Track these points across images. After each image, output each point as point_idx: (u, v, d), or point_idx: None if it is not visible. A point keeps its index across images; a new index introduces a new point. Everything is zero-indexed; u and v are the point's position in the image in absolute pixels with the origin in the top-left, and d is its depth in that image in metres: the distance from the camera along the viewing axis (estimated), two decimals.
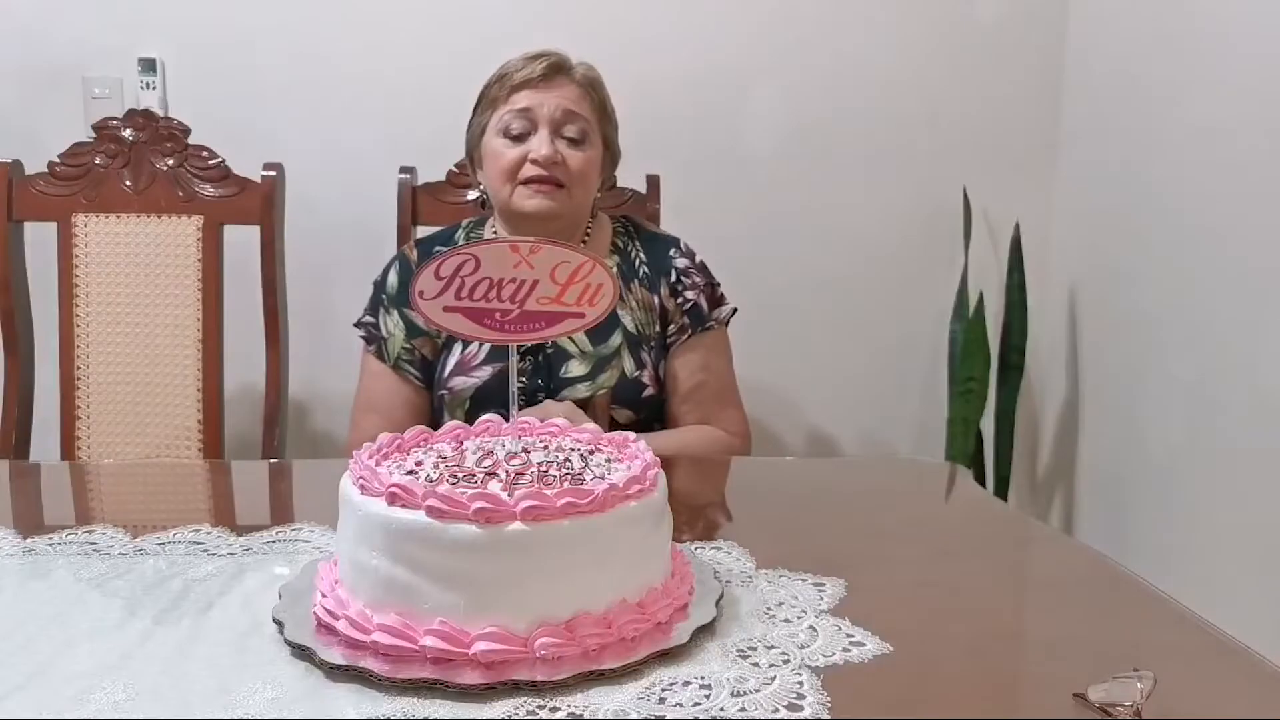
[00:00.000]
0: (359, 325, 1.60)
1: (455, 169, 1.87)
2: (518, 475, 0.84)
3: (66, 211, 1.81)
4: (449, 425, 0.99)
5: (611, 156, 1.61)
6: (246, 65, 2.19)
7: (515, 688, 0.75)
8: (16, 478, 1.40)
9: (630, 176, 1.79)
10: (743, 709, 0.73)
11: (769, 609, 0.89)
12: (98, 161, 1.82)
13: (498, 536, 0.78)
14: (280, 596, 0.89)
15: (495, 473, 0.85)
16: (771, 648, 0.82)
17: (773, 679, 0.77)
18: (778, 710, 0.73)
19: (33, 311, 1.84)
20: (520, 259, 0.89)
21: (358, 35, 2.20)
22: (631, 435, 0.96)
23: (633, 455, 0.92)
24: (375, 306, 1.59)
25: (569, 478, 0.84)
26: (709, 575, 0.93)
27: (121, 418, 1.81)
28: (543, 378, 1.51)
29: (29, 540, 1.07)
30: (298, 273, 1.92)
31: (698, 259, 1.61)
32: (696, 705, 0.74)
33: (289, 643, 0.82)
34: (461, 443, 0.96)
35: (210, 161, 1.83)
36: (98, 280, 1.82)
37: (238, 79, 2.19)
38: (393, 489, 0.81)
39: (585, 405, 1.49)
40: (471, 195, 1.81)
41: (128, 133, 1.82)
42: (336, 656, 0.79)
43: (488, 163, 1.54)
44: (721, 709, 0.73)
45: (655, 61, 2.18)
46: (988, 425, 2.29)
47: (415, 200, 1.89)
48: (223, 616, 0.89)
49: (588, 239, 1.58)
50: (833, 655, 0.81)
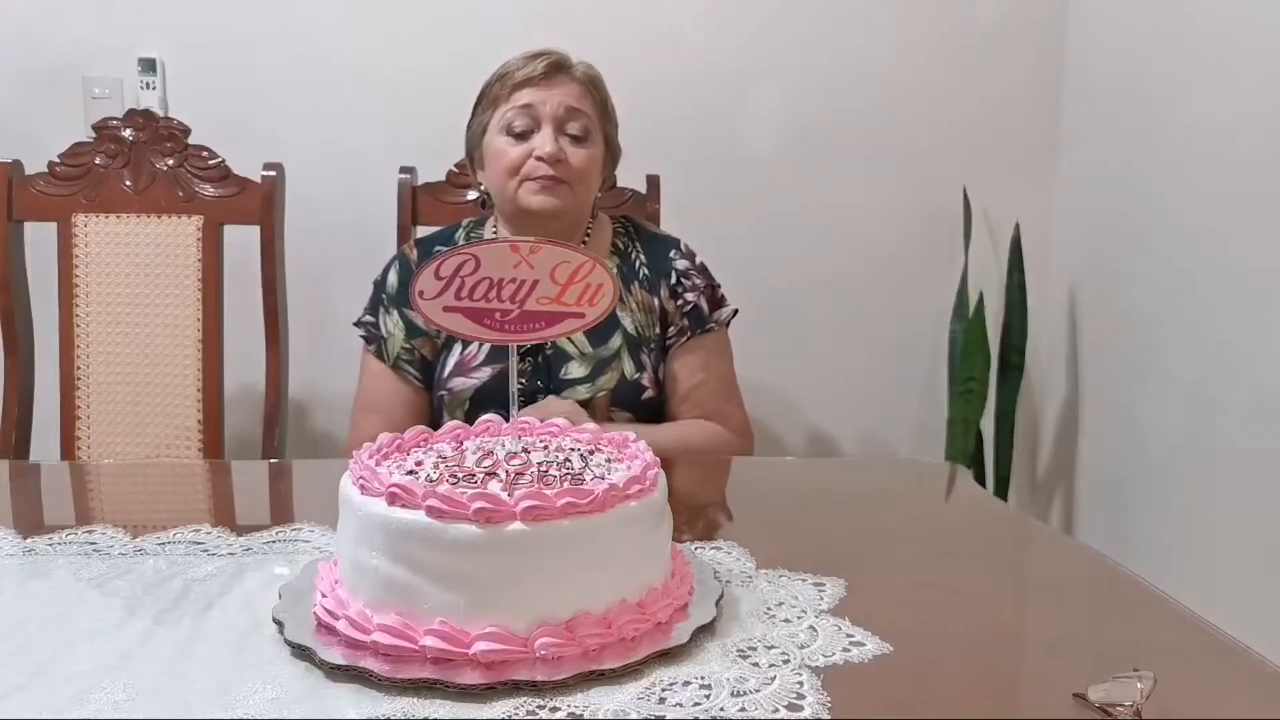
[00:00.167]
0: (359, 324, 1.60)
1: (455, 169, 1.87)
2: (518, 475, 0.84)
3: (66, 211, 1.81)
4: (449, 425, 0.99)
5: (612, 155, 1.61)
6: (246, 65, 2.19)
7: (515, 688, 0.75)
8: (16, 478, 1.40)
9: (630, 176, 1.79)
10: (743, 709, 0.73)
11: (769, 609, 0.89)
12: (98, 161, 1.82)
13: (498, 536, 0.78)
14: (280, 596, 0.89)
15: (495, 473, 0.85)
16: (771, 648, 0.82)
17: (773, 679, 0.77)
18: (778, 710, 0.73)
19: (33, 311, 1.84)
20: (520, 259, 0.89)
21: (358, 35, 2.20)
22: (631, 435, 0.96)
23: (633, 455, 0.92)
24: (375, 306, 1.59)
25: (569, 478, 0.84)
26: (709, 575, 0.93)
27: (121, 418, 1.81)
28: (542, 379, 1.51)
29: (29, 540, 1.06)
30: (298, 273, 1.92)
31: (698, 260, 1.61)
32: (696, 705, 0.74)
33: (289, 643, 0.82)
34: (461, 443, 0.96)
35: (210, 161, 1.82)
36: (98, 280, 1.82)
37: (238, 79, 2.19)
38: (393, 489, 0.81)
39: (585, 407, 1.49)
40: (471, 195, 1.81)
41: (128, 133, 1.82)
42: (336, 656, 0.79)
43: (490, 161, 1.54)
44: (721, 709, 0.73)
45: (655, 61, 2.18)
46: (988, 425, 2.29)
47: (415, 200, 1.89)
48: (223, 616, 0.89)
49: (588, 239, 1.58)
50: (833, 655, 0.81)
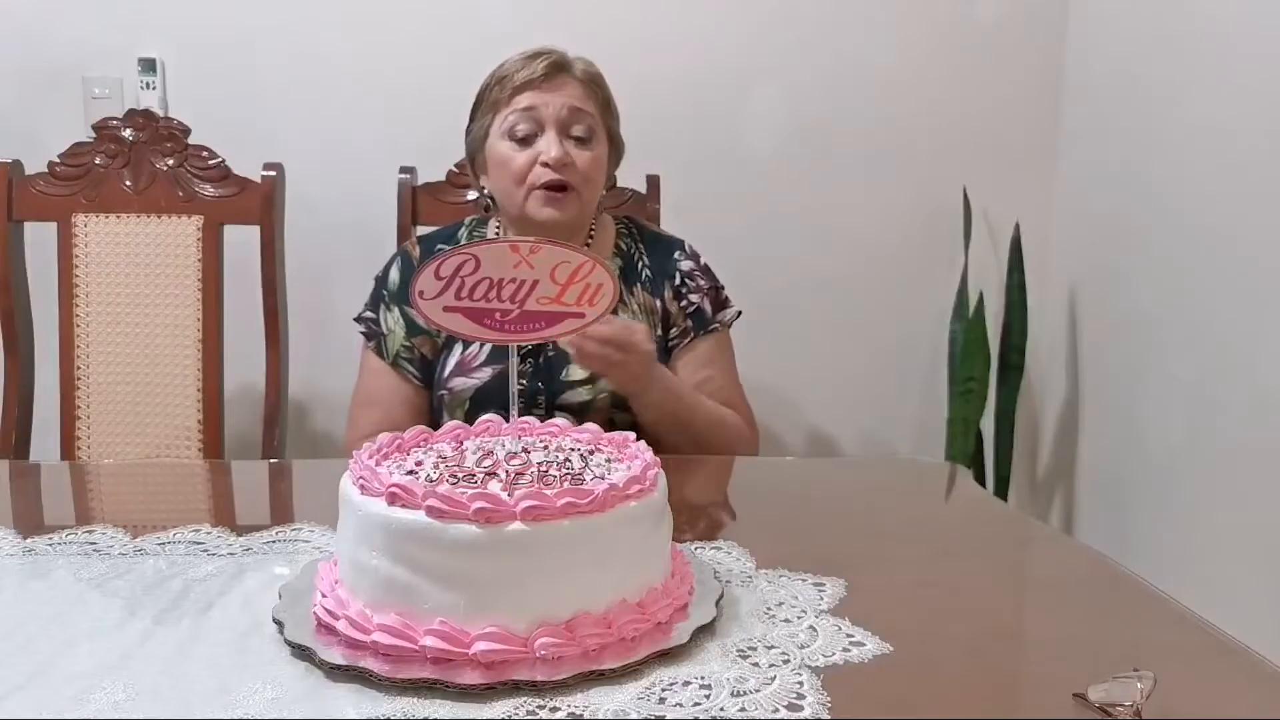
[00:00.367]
0: (359, 320, 1.59)
1: (455, 169, 1.87)
2: (518, 475, 0.84)
3: (66, 211, 1.81)
4: (449, 425, 0.99)
5: (616, 152, 1.59)
6: (246, 65, 2.19)
7: (515, 688, 0.75)
8: (16, 478, 1.40)
9: (630, 176, 1.79)
10: (743, 709, 0.73)
11: (769, 609, 0.89)
12: (98, 161, 1.82)
13: (498, 536, 0.78)
14: (280, 596, 0.89)
15: (495, 473, 0.85)
16: (771, 648, 0.82)
17: (773, 679, 0.77)
18: (778, 710, 0.73)
19: (33, 311, 1.84)
20: (520, 259, 0.89)
21: (358, 35, 2.20)
22: (631, 435, 0.96)
23: (633, 455, 0.91)
24: (376, 302, 1.59)
25: (569, 478, 0.84)
26: (709, 575, 0.93)
27: (121, 418, 1.81)
28: (543, 380, 1.50)
29: (29, 540, 1.06)
30: (298, 273, 1.92)
31: (702, 261, 1.61)
32: (696, 705, 0.74)
33: (289, 643, 0.82)
34: (461, 443, 0.96)
35: (210, 161, 1.82)
36: (98, 280, 1.82)
37: (238, 79, 2.19)
38: (393, 489, 0.81)
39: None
40: (471, 195, 1.81)
41: (128, 133, 1.82)
42: (336, 656, 0.79)
43: (494, 168, 1.52)
44: (721, 709, 0.73)
45: (655, 61, 2.18)
46: (988, 425, 2.29)
47: (415, 200, 1.89)
48: (223, 616, 0.89)
49: (591, 240, 1.58)
50: (833, 655, 0.81)
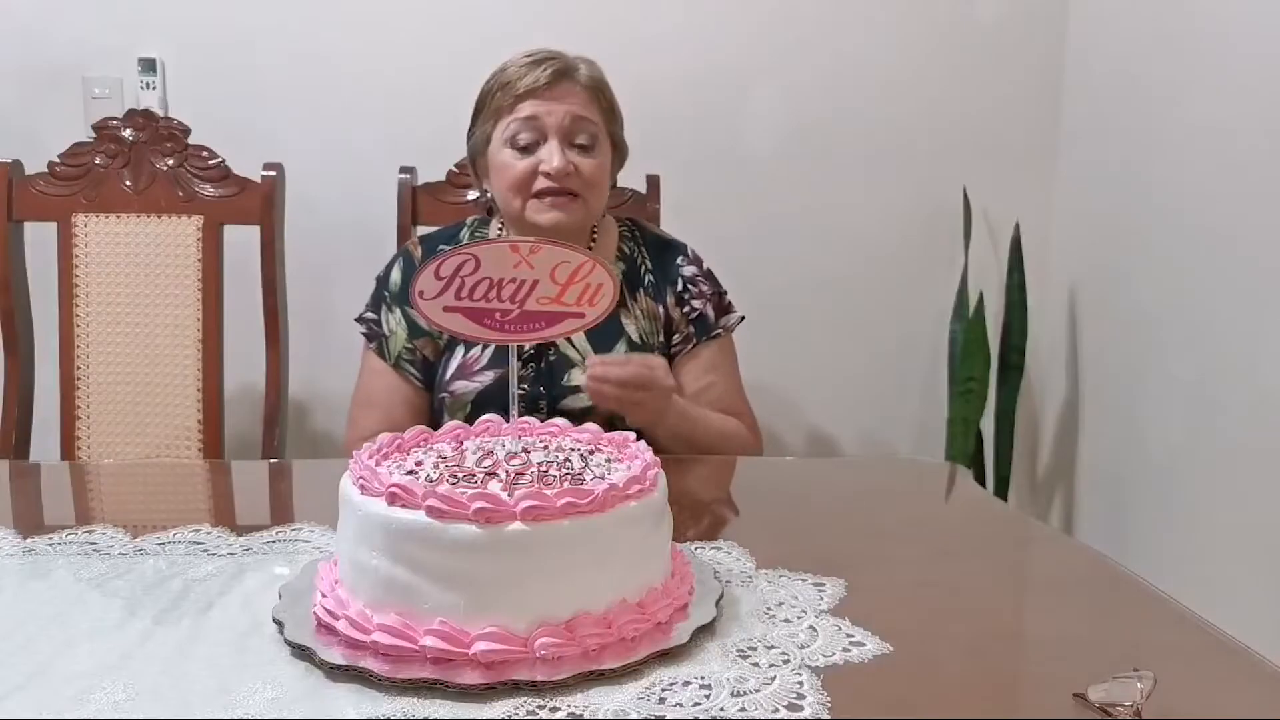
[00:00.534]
0: (360, 320, 1.58)
1: (455, 169, 1.87)
2: (518, 475, 0.84)
3: (66, 211, 1.81)
4: (449, 425, 0.99)
5: (620, 156, 1.58)
6: (246, 65, 2.19)
7: (515, 688, 0.75)
8: (16, 478, 1.40)
9: (630, 176, 1.79)
10: (743, 709, 0.73)
11: (769, 609, 0.89)
12: (98, 161, 1.82)
13: (498, 536, 0.78)
14: (280, 596, 0.89)
15: (495, 473, 0.85)
16: (771, 648, 0.82)
17: (773, 679, 0.77)
18: (778, 710, 0.73)
19: (33, 311, 1.84)
20: (520, 259, 0.89)
21: (358, 35, 2.20)
22: (632, 435, 0.96)
23: (633, 455, 0.92)
24: (377, 303, 1.58)
25: (569, 478, 0.84)
26: (709, 575, 0.93)
27: (121, 418, 1.81)
28: (545, 385, 1.50)
29: (29, 540, 1.07)
30: (298, 273, 1.91)
31: (705, 266, 1.60)
32: (696, 705, 0.74)
33: (289, 643, 0.82)
34: (461, 443, 0.96)
35: (210, 161, 1.82)
36: (98, 280, 1.81)
37: (238, 79, 2.19)
38: (393, 489, 0.81)
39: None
40: (472, 195, 1.81)
41: (128, 133, 1.82)
42: (336, 656, 0.79)
43: (495, 174, 1.51)
44: (721, 709, 0.73)
45: (655, 61, 2.18)
46: (988, 425, 2.29)
47: (415, 200, 1.89)
48: (223, 616, 0.89)
49: (594, 243, 1.57)
50: (833, 655, 0.81)
